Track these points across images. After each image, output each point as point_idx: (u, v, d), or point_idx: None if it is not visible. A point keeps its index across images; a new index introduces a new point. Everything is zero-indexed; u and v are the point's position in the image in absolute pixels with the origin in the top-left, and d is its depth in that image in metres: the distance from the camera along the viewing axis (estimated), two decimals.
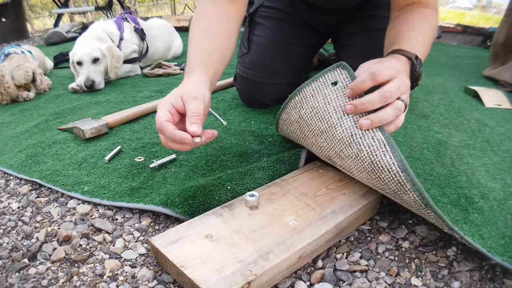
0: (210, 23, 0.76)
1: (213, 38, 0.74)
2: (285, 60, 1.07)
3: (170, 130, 0.59)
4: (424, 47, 0.69)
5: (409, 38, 0.69)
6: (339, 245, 0.60)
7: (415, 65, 0.64)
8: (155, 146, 0.90)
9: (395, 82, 0.56)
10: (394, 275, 0.54)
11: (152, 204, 0.66)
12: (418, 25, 0.72)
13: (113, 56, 1.45)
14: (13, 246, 0.61)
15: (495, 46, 1.50)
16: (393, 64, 0.58)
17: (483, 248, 0.54)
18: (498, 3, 5.23)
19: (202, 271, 0.48)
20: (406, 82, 0.59)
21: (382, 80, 0.56)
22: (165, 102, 0.62)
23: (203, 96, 0.63)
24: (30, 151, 0.91)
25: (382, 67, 0.56)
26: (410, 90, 0.62)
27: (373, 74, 0.55)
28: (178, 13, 4.33)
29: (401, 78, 0.57)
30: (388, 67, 0.56)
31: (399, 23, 0.75)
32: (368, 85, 0.56)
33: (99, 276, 0.55)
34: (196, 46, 0.72)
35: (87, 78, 1.39)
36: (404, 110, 0.57)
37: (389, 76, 0.56)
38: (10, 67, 1.33)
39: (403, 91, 0.57)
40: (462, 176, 0.74)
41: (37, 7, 5.34)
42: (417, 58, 0.65)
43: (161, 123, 0.60)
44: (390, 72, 0.56)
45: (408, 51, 0.65)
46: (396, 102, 0.56)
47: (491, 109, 1.15)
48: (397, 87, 0.56)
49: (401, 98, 0.57)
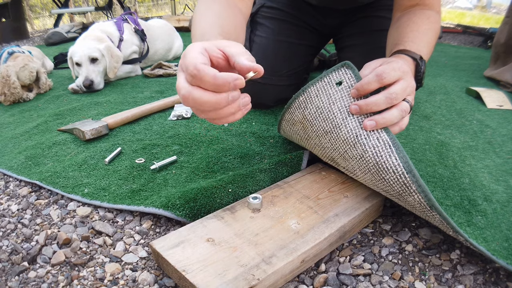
0: (221, 6, 0.68)
1: (228, 20, 0.65)
2: (287, 61, 1.07)
3: (212, 73, 0.42)
4: (428, 49, 0.69)
5: (413, 38, 0.68)
6: (342, 248, 0.59)
7: (420, 65, 0.63)
8: (156, 148, 0.90)
9: (402, 83, 0.55)
10: (398, 279, 0.53)
11: (153, 206, 0.66)
12: (422, 26, 0.72)
13: (112, 56, 1.45)
14: (12, 249, 0.60)
15: (496, 47, 1.50)
16: (400, 65, 0.57)
17: (488, 251, 0.53)
18: (498, 3, 5.23)
19: (204, 275, 0.47)
20: (412, 84, 0.58)
21: (388, 82, 0.55)
22: (195, 47, 0.46)
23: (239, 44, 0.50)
24: (30, 153, 0.90)
25: (389, 68, 0.55)
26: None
27: (380, 76, 0.54)
28: (178, 13, 4.32)
29: (407, 79, 0.56)
30: (395, 68, 0.56)
31: (402, 24, 0.74)
32: (373, 87, 0.55)
33: (100, 280, 0.54)
34: (210, 24, 0.60)
35: (85, 78, 1.38)
36: (409, 111, 0.57)
37: (395, 78, 0.55)
38: (15, 67, 1.32)
39: (409, 92, 0.56)
40: (465, 178, 0.74)
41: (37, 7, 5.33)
42: (421, 59, 0.64)
43: (198, 66, 0.42)
44: (397, 74, 0.55)
45: (413, 51, 0.65)
46: (401, 104, 0.56)
47: (493, 110, 1.14)
48: (403, 88, 0.55)
49: (407, 100, 0.56)
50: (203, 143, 0.92)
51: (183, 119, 1.08)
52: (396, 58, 0.62)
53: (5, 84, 1.27)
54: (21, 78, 1.32)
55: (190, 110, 1.13)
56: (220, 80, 0.42)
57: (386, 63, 0.58)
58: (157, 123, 1.06)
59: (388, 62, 0.58)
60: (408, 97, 0.57)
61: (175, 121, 1.07)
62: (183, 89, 0.45)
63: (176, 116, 1.10)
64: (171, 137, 0.95)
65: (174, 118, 1.09)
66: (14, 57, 1.40)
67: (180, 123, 1.05)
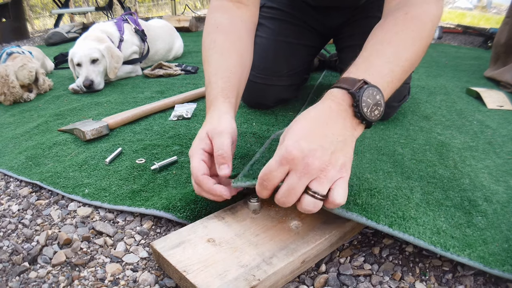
0: (225, 37, 0.69)
1: (232, 55, 0.68)
2: (287, 61, 1.07)
3: (209, 185, 0.55)
4: (395, 63, 0.54)
5: (369, 56, 0.55)
6: (343, 249, 0.59)
7: (355, 97, 0.49)
8: (156, 148, 0.90)
9: (289, 179, 0.46)
10: (398, 280, 0.53)
11: (154, 208, 0.66)
12: (393, 32, 0.57)
13: (112, 56, 1.45)
14: (13, 249, 0.61)
15: (497, 47, 1.50)
16: (311, 146, 0.45)
17: (433, 245, 0.52)
18: (498, 4, 5.23)
19: (204, 275, 0.47)
20: (320, 161, 0.45)
21: (272, 186, 0.48)
22: (197, 148, 0.58)
23: (228, 128, 0.58)
24: (30, 153, 0.91)
25: (275, 166, 0.47)
26: (366, 128, 0.52)
27: (262, 185, 0.49)
28: (178, 14, 4.32)
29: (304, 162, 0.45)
30: (281, 162, 0.46)
31: (371, 34, 0.61)
32: (265, 196, 0.50)
33: (100, 280, 0.54)
34: (216, 68, 0.66)
35: (85, 78, 1.39)
36: (320, 204, 0.48)
37: (280, 176, 0.47)
38: (14, 67, 1.33)
39: (313, 174, 0.46)
40: (465, 178, 0.74)
41: (37, 7, 5.33)
42: (361, 88, 0.49)
43: (199, 178, 0.56)
44: (282, 169, 0.47)
45: (352, 78, 0.51)
46: (303, 199, 0.48)
47: (493, 111, 1.14)
48: (291, 184, 0.46)
49: (312, 191, 0.47)
50: None
51: (184, 119, 1.09)
52: (320, 109, 0.50)
53: (4, 83, 1.27)
54: (20, 77, 1.33)
55: (190, 110, 1.13)
56: (214, 191, 0.56)
57: (295, 140, 0.47)
58: (157, 123, 1.06)
59: (299, 138, 0.47)
60: (313, 183, 0.46)
61: (175, 121, 1.08)
62: (194, 189, 0.59)
63: (176, 116, 1.10)
64: (172, 137, 0.95)
65: (174, 118, 1.09)
66: (13, 57, 1.41)
67: (180, 123, 1.05)
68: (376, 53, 0.55)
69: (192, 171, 0.57)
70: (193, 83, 1.47)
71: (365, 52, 0.57)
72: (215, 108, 0.62)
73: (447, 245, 0.53)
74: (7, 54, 1.44)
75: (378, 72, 0.53)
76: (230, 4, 0.73)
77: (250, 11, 0.75)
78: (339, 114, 0.49)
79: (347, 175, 0.48)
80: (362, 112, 0.49)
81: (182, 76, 1.60)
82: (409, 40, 0.56)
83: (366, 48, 0.58)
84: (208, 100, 0.65)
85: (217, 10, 0.73)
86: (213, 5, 0.75)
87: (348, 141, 0.49)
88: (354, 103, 0.49)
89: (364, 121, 0.50)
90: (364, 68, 0.53)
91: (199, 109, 1.17)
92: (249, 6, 0.75)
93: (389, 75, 0.53)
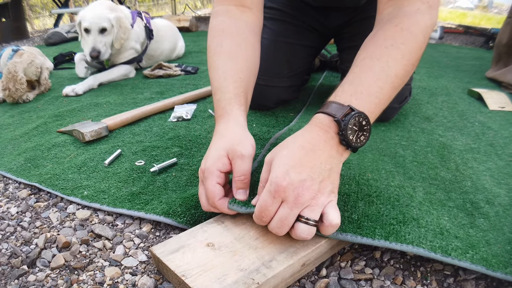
0: (232, 41, 0.68)
1: (240, 58, 0.66)
2: (287, 62, 1.06)
3: (225, 210, 0.56)
4: (384, 80, 0.53)
5: (359, 73, 0.54)
6: (343, 252, 0.59)
7: (341, 127, 0.49)
8: (156, 150, 0.89)
9: (281, 210, 0.49)
10: (400, 284, 0.53)
11: (154, 213, 0.65)
12: (383, 47, 0.55)
13: (120, 26, 1.45)
14: (12, 252, 0.60)
15: (498, 47, 1.50)
16: (301, 176, 0.47)
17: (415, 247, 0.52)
18: (499, 4, 5.22)
19: (203, 280, 0.47)
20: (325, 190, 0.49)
21: (268, 218, 0.50)
22: (213, 169, 0.55)
23: (251, 151, 0.57)
24: (29, 154, 0.90)
25: (269, 202, 0.49)
26: (353, 152, 0.53)
27: (260, 219, 0.51)
28: (178, 13, 4.32)
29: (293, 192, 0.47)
30: (274, 193, 0.48)
31: (362, 47, 0.59)
32: (263, 223, 0.52)
33: (99, 284, 0.54)
34: (224, 72, 0.64)
35: (92, 49, 1.39)
36: (313, 231, 0.50)
37: (273, 209, 0.49)
38: (23, 64, 1.33)
39: (303, 202, 0.48)
40: (467, 181, 0.73)
41: (37, 7, 5.33)
42: (348, 114, 0.50)
43: (216, 204, 0.55)
44: (275, 202, 0.48)
45: (338, 104, 0.51)
46: (296, 227, 0.49)
47: (495, 112, 1.14)
48: (284, 218, 0.49)
49: (305, 218, 0.49)
50: (203, 145, 0.91)
51: (183, 121, 1.08)
52: (307, 139, 0.51)
53: (11, 79, 1.27)
54: (28, 74, 1.34)
55: (190, 111, 1.13)
56: (228, 212, 0.56)
57: (283, 173, 0.48)
58: (157, 125, 1.06)
59: (288, 170, 0.48)
60: (305, 211, 0.48)
61: (175, 122, 1.07)
62: (203, 206, 0.58)
63: (176, 117, 1.09)
64: (171, 139, 0.95)
65: (174, 119, 1.09)
66: (19, 54, 1.42)
67: (180, 125, 1.04)
68: (366, 70, 0.55)
69: (207, 195, 0.55)
70: (193, 84, 1.46)
71: (355, 67, 0.56)
72: (229, 118, 0.60)
73: (449, 249, 0.52)
74: (13, 50, 1.46)
75: (366, 91, 0.53)
76: (234, 9, 0.72)
77: (254, 15, 0.74)
78: (327, 142, 0.50)
79: (335, 199, 0.51)
80: (348, 140, 0.50)
81: (182, 76, 1.60)
82: (398, 55, 0.55)
83: (356, 63, 0.57)
84: (219, 106, 0.62)
85: (221, 14, 0.72)
86: (216, 9, 0.74)
87: (334, 168, 0.51)
88: (340, 131, 0.50)
89: (350, 148, 0.51)
90: (352, 91, 0.53)
91: (199, 110, 1.16)
92: (253, 10, 0.73)
93: (378, 93, 0.53)
